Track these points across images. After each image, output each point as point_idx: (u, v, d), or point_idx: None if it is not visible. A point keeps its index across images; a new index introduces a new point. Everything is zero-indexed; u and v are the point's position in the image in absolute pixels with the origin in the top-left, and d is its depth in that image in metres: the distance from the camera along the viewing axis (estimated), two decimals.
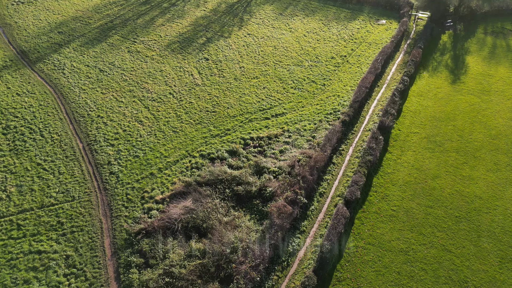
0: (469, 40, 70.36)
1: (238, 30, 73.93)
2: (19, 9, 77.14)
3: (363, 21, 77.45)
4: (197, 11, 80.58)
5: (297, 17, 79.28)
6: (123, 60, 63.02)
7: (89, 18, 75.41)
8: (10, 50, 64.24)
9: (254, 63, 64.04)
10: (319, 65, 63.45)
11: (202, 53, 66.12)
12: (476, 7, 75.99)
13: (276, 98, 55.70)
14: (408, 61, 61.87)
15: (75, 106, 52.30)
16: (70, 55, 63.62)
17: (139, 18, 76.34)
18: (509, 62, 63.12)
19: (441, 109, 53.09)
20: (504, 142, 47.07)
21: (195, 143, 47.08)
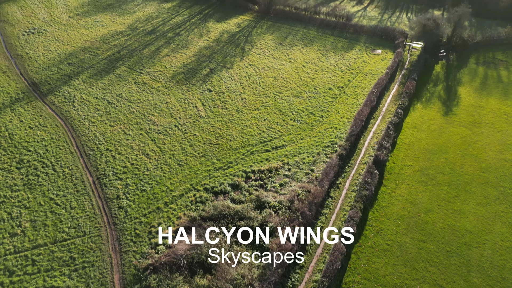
0: (462, 70, 73.31)
1: (240, 61, 77.06)
2: (30, 39, 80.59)
3: (359, 51, 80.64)
4: (200, 41, 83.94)
5: (296, 47, 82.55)
6: (130, 92, 65.94)
7: (97, 48, 78.73)
8: (22, 82, 67.27)
9: (255, 94, 66.89)
10: (317, 96, 66.25)
11: (205, 84, 69.06)
12: (468, 37, 79.20)
13: (276, 130, 58.29)
14: (402, 93, 64.64)
15: (85, 139, 54.90)
16: (79, 87, 66.59)
17: (145, 49, 79.65)
18: (499, 93, 65.87)
19: (433, 141, 55.56)
20: (493, 175, 49.36)
21: (199, 176, 49.46)
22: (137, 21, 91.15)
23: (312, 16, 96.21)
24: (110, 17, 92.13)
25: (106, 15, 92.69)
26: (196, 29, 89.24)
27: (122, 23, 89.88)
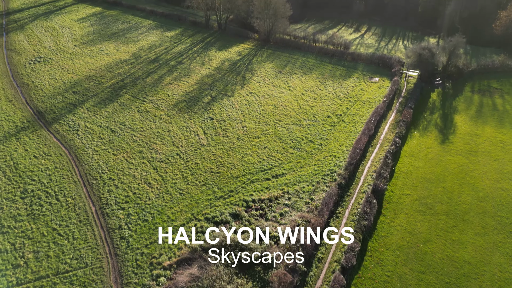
0: (457, 98, 74.99)
1: (240, 89, 78.91)
2: (36, 68, 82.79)
3: (357, 79, 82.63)
4: (202, 69, 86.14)
5: (296, 75, 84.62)
6: (133, 120, 67.37)
7: (102, 77, 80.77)
8: (27, 110, 68.83)
9: (256, 122, 68.27)
10: (316, 124, 67.60)
11: (207, 112, 70.58)
12: (463, 66, 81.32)
13: (276, 158, 59.30)
14: (399, 121, 66.00)
15: (88, 168, 55.87)
16: (84, 115, 68.10)
17: (148, 77, 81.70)
18: (495, 122, 67.23)
19: (431, 170, 56.45)
20: (491, 204, 50.00)
21: (200, 206, 50.12)
22: (141, 50, 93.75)
23: (311, 44, 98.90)
24: (114, 45, 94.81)
25: (110, 44, 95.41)
26: (198, 57, 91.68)
27: (126, 51, 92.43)
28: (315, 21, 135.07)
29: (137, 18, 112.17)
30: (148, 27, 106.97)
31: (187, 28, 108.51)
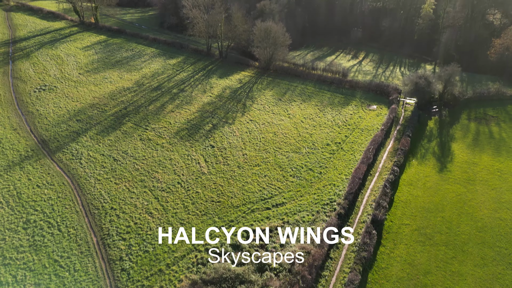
0: (454, 126, 76.25)
1: (241, 116, 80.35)
2: (41, 96, 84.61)
3: (355, 106, 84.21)
4: (204, 97, 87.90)
5: (295, 102, 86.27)
6: (135, 149, 68.45)
7: (105, 105, 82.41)
8: (31, 139, 70.03)
9: (256, 150, 69.29)
10: (316, 152, 68.59)
11: (208, 140, 71.73)
12: (459, 94, 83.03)
13: (276, 187, 59.97)
14: (398, 149, 67.01)
15: (90, 197, 56.51)
16: (87, 143, 69.24)
17: (151, 105, 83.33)
18: (491, 150, 68.22)
19: (430, 199, 57.01)
20: (489, 235, 50.33)
21: (201, 236, 50.44)
22: (144, 77, 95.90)
23: (310, 72, 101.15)
24: (118, 73, 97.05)
25: (114, 72, 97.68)
26: (199, 85, 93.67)
27: (129, 79, 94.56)
28: (313, 47, 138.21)
29: (140, 46, 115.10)
30: (151, 54, 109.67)
31: (189, 55, 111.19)
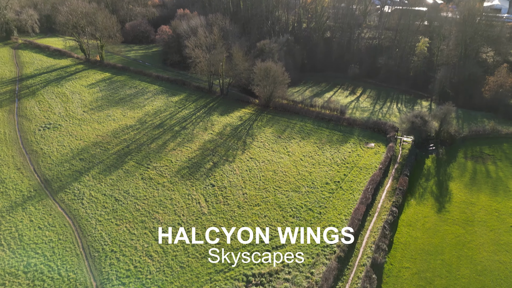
0: (451, 165, 77.36)
1: (241, 154, 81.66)
2: (45, 134, 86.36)
3: (354, 144, 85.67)
4: (205, 135, 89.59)
5: (294, 140, 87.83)
6: (136, 188, 69.29)
7: (108, 143, 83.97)
8: (35, 178, 71.05)
9: (256, 189, 70.07)
10: (315, 191, 69.34)
11: (209, 179, 72.67)
12: (455, 132, 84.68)
13: (276, 228, 60.29)
14: (396, 189, 67.82)
15: (91, 239, 56.81)
16: (89, 183, 70.17)
17: (153, 143, 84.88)
18: (489, 189, 68.97)
19: (429, 240, 57.23)
20: (489, 279, 50.26)
21: (200, 280, 50.41)
22: (146, 115, 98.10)
23: (308, 109, 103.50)
24: (121, 111, 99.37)
25: (117, 109, 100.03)
26: (201, 122, 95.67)
27: (132, 117, 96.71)
28: (312, 83, 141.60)
29: (143, 83, 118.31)
30: (154, 92, 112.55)
31: (191, 93, 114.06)
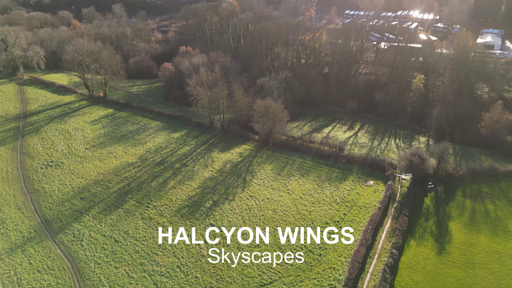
0: (450, 203, 77.63)
1: (241, 192, 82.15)
2: (47, 173, 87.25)
3: (353, 182, 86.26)
4: (205, 172, 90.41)
5: (294, 177, 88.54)
6: (136, 228, 69.38)
7: (109, 181, 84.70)
8: (35, 219, 71.33)
9: (256, 229, 70.06)
10: (315, 231, 69.30)
11: (208, 219, 72.84)
12: (453, 170, 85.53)
13: (276, 271, 59.97)
14: (396, 229, 67.85)
15: (89, 283, 56.46)
16: (89, 223, 70.35)
17: (154, 181, 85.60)
18: (488, 230, 68.95)
19: (430, 284, 56.77)
20: None
21: None
22: (148, 152, 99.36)
23: (308, 145, 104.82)
24: (123, 148, 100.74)
25: (119, 146, 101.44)
26: (201, 159, 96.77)
27: (133, 154, 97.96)
28: (311, 118, 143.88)
29: (145, 119, 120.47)
30: (155, 128, 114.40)
31: (192, 129, 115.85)
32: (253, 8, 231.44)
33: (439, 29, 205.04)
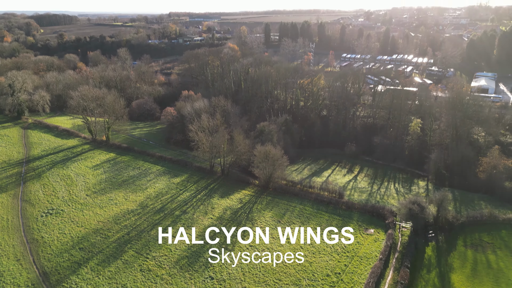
0: (452, 254, 77.03)
1: (241, 242, 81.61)
2: (47, 221, 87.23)
3: (353, 230, 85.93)
4: (205, 219, 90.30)
5: (294, 225, 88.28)
6: (135, 282, 68.52)
7: (109, 230, 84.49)
8: (33, 271, 70.64)
9: (256, 282, 69.16)
10: (316, 285, 68.40)
11: (208, 271, 72.03)
12: (453, 218, 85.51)
13: None
14: (397, 282, 67.02)
15: None
16: (87, 276, 69.56)
17: (153, 229, 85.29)
18: (491, 282, 68.06)
19: None
20: None
21: None
22: (148, 198, 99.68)
23: (308, 190, 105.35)
24: (123, 194, 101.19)
25: (120, 192, 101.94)
26: (201, 205, 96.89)
27: (134, 200, 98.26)
28: (310, 160, 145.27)
29: (147, 163, 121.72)
30: (156, 173, 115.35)
31: (193, 173, 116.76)
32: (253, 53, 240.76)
33: (434, 72, 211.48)
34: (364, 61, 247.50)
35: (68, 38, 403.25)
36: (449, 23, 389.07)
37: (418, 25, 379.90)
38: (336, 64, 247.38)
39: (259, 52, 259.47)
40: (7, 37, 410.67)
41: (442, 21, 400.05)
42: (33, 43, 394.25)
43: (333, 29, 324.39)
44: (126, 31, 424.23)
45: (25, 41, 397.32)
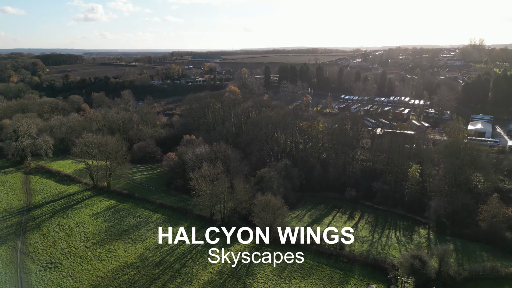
0: None
1: None
2: (45, 276, 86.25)
3: (355, 286, 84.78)
4: (204, 274, 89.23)
5: (295, 280, 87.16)
6: None
7: (107, 286, 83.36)
8: None
9: None
10: None
11: None
12: (455, 274, 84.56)
13: None
14: None
15: None
16: None
17: (152, 285, 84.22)
18: None
19: None
20: None
21: None
22: (148, 250, 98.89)
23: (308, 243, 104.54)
24: (123, 245, 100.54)
25: (119, 243, 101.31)
26: (201, 258, 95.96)
27: (133, 252, 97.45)
28: (311, 205, 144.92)
29: (147, 211, 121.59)
30: (156, 222, 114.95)
31: (193, 222, 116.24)
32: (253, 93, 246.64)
33: (431, 114, 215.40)
34: (362, 103, 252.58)
35: (73, 78, 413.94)
36: (443, 65, 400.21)
37: (413, 66, 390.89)
38: (335, 106, 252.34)
39: (260, 93, 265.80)
40: (13, 77, 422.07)
41: (437, 63, 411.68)
42: (39, 83, 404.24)
43: (331, 70, 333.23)
44: (130, 71, 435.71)
45: (30, 81, 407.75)
